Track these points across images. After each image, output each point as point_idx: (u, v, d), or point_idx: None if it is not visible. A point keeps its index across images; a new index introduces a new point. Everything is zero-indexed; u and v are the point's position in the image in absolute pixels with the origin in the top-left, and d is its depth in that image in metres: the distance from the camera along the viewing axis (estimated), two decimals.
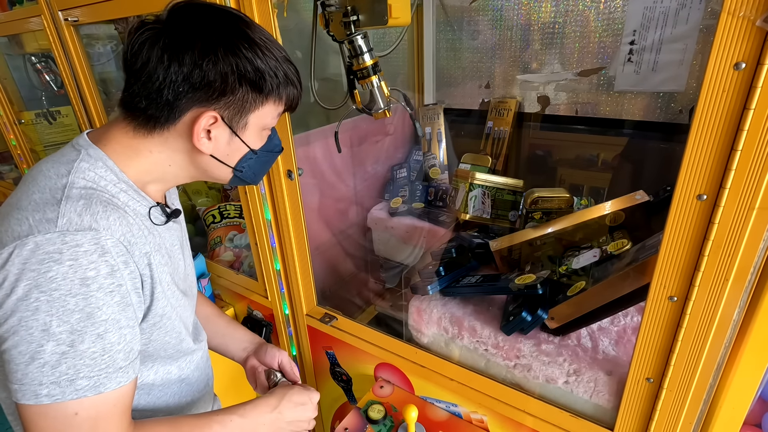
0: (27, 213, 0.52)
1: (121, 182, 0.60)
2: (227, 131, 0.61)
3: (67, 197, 0.54)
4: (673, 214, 0.51)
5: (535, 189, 1.00)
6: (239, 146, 0.64)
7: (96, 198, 0.55)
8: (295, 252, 1.01)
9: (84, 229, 0.52)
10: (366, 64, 0.79)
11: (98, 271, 0.52)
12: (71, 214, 0.52)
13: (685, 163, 0.49)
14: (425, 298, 0.94)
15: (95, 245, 0.52)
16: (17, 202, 0.55)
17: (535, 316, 0.78)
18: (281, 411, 0.73)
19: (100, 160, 0.59)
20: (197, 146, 0.60)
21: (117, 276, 0.54)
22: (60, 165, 0.58)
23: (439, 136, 1.35)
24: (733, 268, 0.50)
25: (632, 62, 1.08)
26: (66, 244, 0.51)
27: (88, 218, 0.53)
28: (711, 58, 0.44)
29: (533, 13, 1.19)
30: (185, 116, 0.59)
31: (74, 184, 0.56)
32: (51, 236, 0.50)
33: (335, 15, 0.77)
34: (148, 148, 0.62)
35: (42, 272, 0.50)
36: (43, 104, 2.10)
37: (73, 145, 0.61)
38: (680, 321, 0.55)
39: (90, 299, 0.52)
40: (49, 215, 0.52)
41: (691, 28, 0.98)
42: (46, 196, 0.54)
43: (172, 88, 0.56)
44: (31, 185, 0.56)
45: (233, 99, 0.59)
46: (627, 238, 0.81)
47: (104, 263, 0.53)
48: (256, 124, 0.63)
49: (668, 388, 0.60)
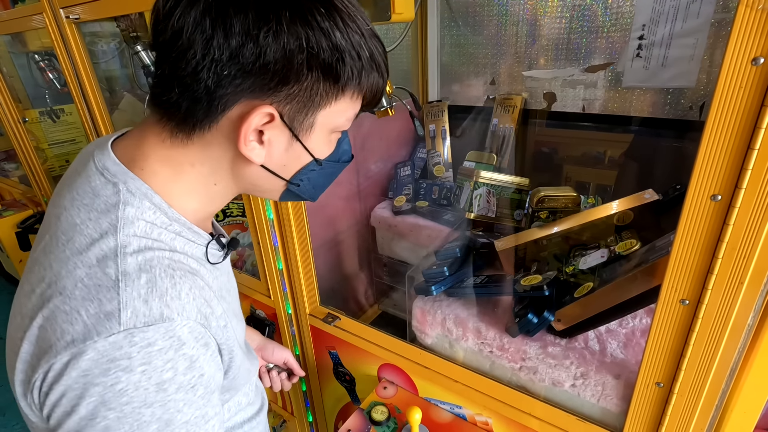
0: (76, 303, 0.40)
1: (173, 222, 0.47)
2: (286, 134, 0.46)
3: (125, 275, 0.41)
4: (685, 214, 0.50)
5: (541, 187, 0.98)
6: (300, 154, 0.49)
7: (158, 265, 0.43)
8: (297, 251, 1.00)
9: (155, 321, 0.41)
10: None
11: (176, 370, 0.42)
12: (135, 302, 0.40)
13: (699, 162, 0.47)
14: (429, 299, 0.93)
15: (170, 339, 0.41)
16: (57, 281, 0.42)
17: (542, 318, 0.76)
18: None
19: (145, 198, 0.45)
20: (244, 153, 0.45)
21: (197, 366, 0.44)
22: (98, 214, 0.44)
23: (443, 134, 1.33)
24: (748, 271, 0.48)
25: (641, 58, 1.05)
26: (135, 346, 0.39)
27: (156, 304, 0.41)
28: (727, 53, 0.42)
29: (539, 7, 1.17)
30: (230, 111, 0.44)
31: (126, 248, 0.42)
32: (116, 339, 0.39)
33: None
34: (189, 161, 0.47)
35: (109, 385, 0.39)
36: (46, 102, 2.11)
37: (102, 173, 0.46)
38: (692, 325, 0.54)
39: (168, 405, 0.42)
40: (108, 307, 0.40)
41: (702, 22, 0.96)
42: (95, 272, 0.41)
43: (213, 70, 0.41)
44: (69, 251, 0.43)
45: (298, 89, 0.43)
46: (636, 238, 0.79)
47: (182, 357, 0.42)
48: (324, 125, 0.48)
49: (679, 393, 0.59)
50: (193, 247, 0.50)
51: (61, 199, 0.47)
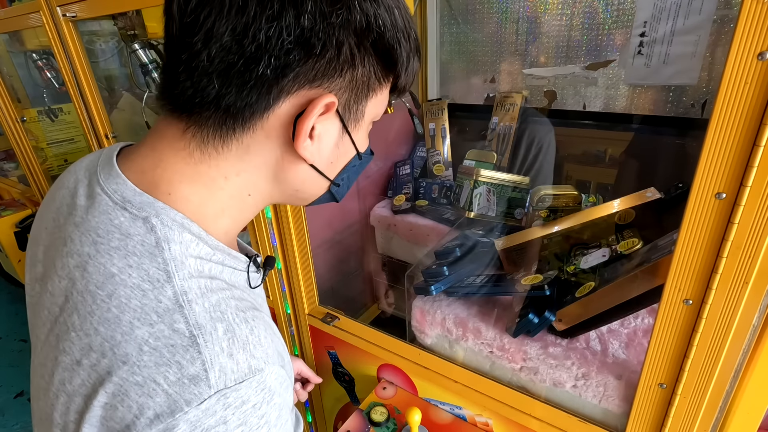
0: (149, 372, 0.33)
1: (216, 252, 0.41)
2: (337, 126, 0.41)
3: (200, 329, 0.35)
4: (689, 213, 0.49)
5: (541, 186, 0.97)
6: (348, 149, 0.44)
7: (227, 309, 0.37)
8: (296, 251, 0.99)
9: (245, 377, 0.35)
10: None
11: (269, 424, 0.37)
12: (220, 358, 0.34)
13: (703, 159, 0.46)
14: (428, 299, 0.92)
15: (262, 392, 0.36)
16: (113, 348, 0.34)
17: (542, 318, 0.75)
18: None
19: (184, 230, 0.38)
20: (300, 152, 0.39)
21: (284, 413, 0.40)
22: (138, 258, 0.36)
23: (443, 132, 1.32)
24: (753, 270, 0.47)
25: (642, 55, 1.04)
26: (230, 408, 0.34)
27: (242, 356, 0.36)
28: (732, 48, 0.41)
29: (540, 4, 1.16)
30: (285, 103, 0.37)
31: (188, 294, 0.36)
32: (209, 404, 0.33)
33: None
34: (223, 174, 0.40)
35: None
36: (45, 102, 2.10)
37: (125, 207, 0.38)
38: (696, 325, 0.53)
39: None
40: (191, 370, 0.33)
41: (704, 19, 0.95)
42: (161, 329, 0.34)
43: (277, 55, 0.34)
44: (116, 309, 0.35)
45: (359, 75, 0.39)
46: (637, 237, 0.78)
47: (273, 408, 0.37)
48: (370, 114, 0.44)
49: (682, 395, 0.58)
50: (237, 276, 0.43)
51: (72, 243, 0.39)
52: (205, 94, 0.37)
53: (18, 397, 2.06)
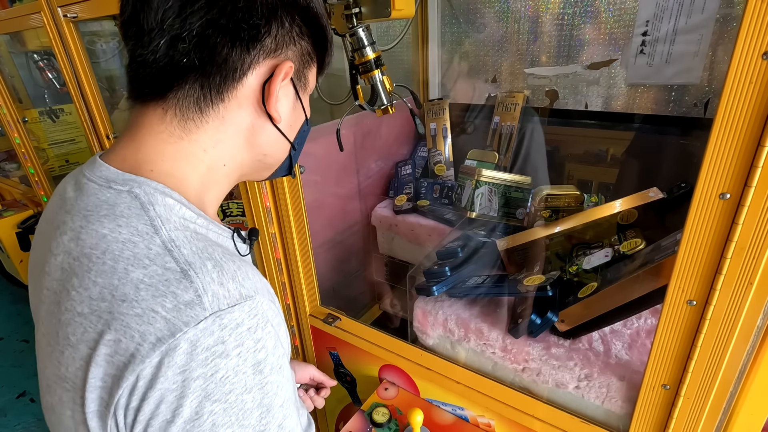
0: (147, 303, 0.37)
1: (199, 217, 0.45)
2: (292, 92, 0.48)
3: (190, 264, 0.38)
4: (693, 213, 0.48)
5: (543, 186, 0.97)
6: (299, 114, 0.51)
7: (213, 251, 0.41)
8: (297, 251, 0.99)
9: (237, 301, 0.39)
10: (368, 58, 0.77)
11: (266, 349, 0.40)
12: (212, 286, 0.38)
13: (707, 159, 0.46)
14: (430, 299, 0.92)
15: (255, 317, 0.40)
16: (112, 292, 0.38)
17: (545, 319, 0.75)
18: None
19: (166, 196, 0.43)
20: (272, 112, 0.46)
21: (280, 345, 0.43)
22: (126, 219, 0.40)
23: (444, 132, 1.32)
24: (757, 271, 0.47)
25: (644, 54, 1.04)
26: (226, 329, 0.37)
27: (232, 285, 0.39)
28: (737, 47, 0.41)
29: (541, 4, 1.16)
30: (254, 72, 0.44)
31: (175, 241, 0.39)
32: (206, 324, 0.36)
33: (337, 7, 0.75)
34: (201, 148, 0.45)
35: (209, 376, 0.37)
36: (46, 102, 2.11)
37: (110, 186, 0.42)
38: (699, 326, 0.53)
39: (266, 388, 0.40)
40: (186, 296, 0.37)
41: (706, 18, 0.94)
42: (155, 270, 0.38)
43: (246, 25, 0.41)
44: (111, 261, 0.38)
45: (301, 48, 0.47)
46: (640, 237, 0.78)
47: (269, 335, 0.41)
48: (310, 84, 0.51)
49: (686, 396, 0.57)
50: (224, 240, 0.47)
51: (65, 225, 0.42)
52: (186, 72, 0.42)
53: (20, 398, 2.06)
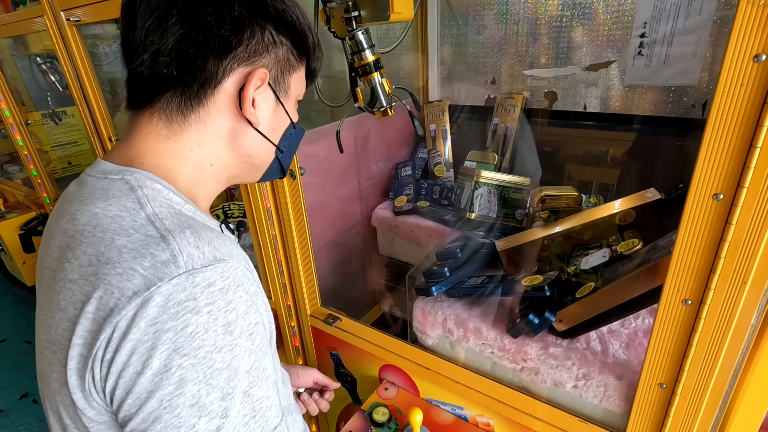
0: (128, 263, 0.40)
1: (187, 203, 0.49)
2: (271, 97, 0.51)
3: (169, 230, 0.42)
4: (687, 214, 0.49)
5: (542, 187, 0.98)
6: (282, 117, 0.54)
7: (194, 223, 0.45)
8: (298, 252, 1.00)
9: (211, 262, 0.41)
10: (367, 60, 0.78)
11: (237, 312, 0.42)
12: (188, 248, 0.41)
13: (701, 160, 0.46)
14: (430, 300, 0.92)
15: (227, 279, 0.42)
16: (98, 257, 0.41)
17: (543, 319, 0.76)
18: None
19: (156, 182, 0.47)
20: (248, 116, 0.49)
21: (253, 311, 0.44)
22: (117, 199, 0.44)
23: (444, 133, 1.32)
24: (751, 270, 0.47)
25: (643, 56, 1.05)
26: (198, 287, 0.40)
27: (208, 248, 0.42)
28: (728, 50, 0.42)
29: (540, 6, 1.16)
30: (229, 80, 0.48)
31: (159, 215, 0.43)
32: (179, 281, 0.39)
33: (336, 11, 0.76)
34: (187, 147, 0.49)
35: (179, 329, 0.38)
36: (48, 105, 2.12)
37: (105, 177, 0.47)
38: (695, 325, 0.53)
39: (235, 350, 0.41)
40: (162, 256, 0.40)
41: (704, 19, 0.95)
42: (137, 237, 0.41)
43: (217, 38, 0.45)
44: (100, 232, 0.42)
45: (279, 54, 0.50)
46: (638, 237, 0.78)
47: (240, 299, 0.43)
48: (294, 89, 0.55)
49: (682, 394, 0.58)
50: (212, 224, 0.50)
51: (64, 211, 0.47)
52: (167, 81, 0.47)
53: (23, 398, 2.07)
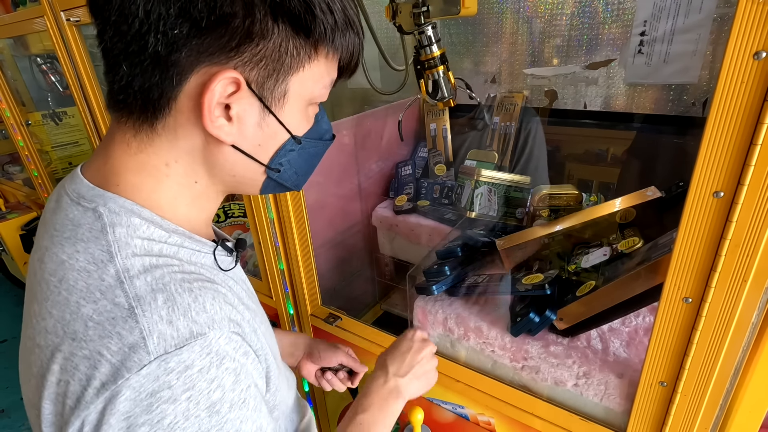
0: (94, 345, 0.35)
1: (172, 234, 0.42)
2: (257, 106, 0.40)
3: (139, 300, 0.36)
4: (687, 212, 0.49)
5: (542, 186, 0.98)
6: (276, 131, 0.42)
7: (171, 281, 0.38)
8: (298, 251, 1.00)
9: (186, 341, 0.36)
10: (434, 54, 0.79)
11: (223, 388, 0.37)
12: (159, 325, 0.35)
13: (701, 158, 0.46)
14: (430, 298, 0.92)
15: (208, 356, 0.36)
16: (64, 328, 0.36)
17: (544, 317, 0.76)
18: (396, 376, 0.62)
19: (133, 215, 0.40)
20: (211, 131, 0.39)
21: (242, 379, 0.39)
22: (86, 244, 0.38)
23: (444, 132, 1.32)
24: (751, 268, 0.47)
25: (643, 54, 1.04)
26: (172, 373, 0.35)
27: (183, 323, 0.36)
28: (728, 47, 0.42)
29: (540, 4, 1.16)
30: (188, 83, 0.38)
31: (130, 271, 0.37)
32: (149, 370, 0.34)
33: (404, 6, 0.77)
34: (162, 161, 0.41)
35: (155, 422, 0.34)
36: (49, 105, 2.12)
37: (79, 202, 0.40)
38: (695, 323, 0.53)
39: (225, 427, 0.37)
40: (130, 339, 0.35)
41: (704, 17, 0.95)
42: (104, 305, 0.36)
43: (160, 30, 0.35)
44: (66, 292, 0.37)
45: (265, 48, 0.37)
46: (638, 236, 0.78)
47: (226, 372, 0.38)
48: (300, 94, 0.42)
49: (683, 393, 0.58)
50: (200, 257, 0.44)
51: (41, 240, 0.42)
52: (122, 82, 0.38)
53: None
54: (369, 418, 0.57)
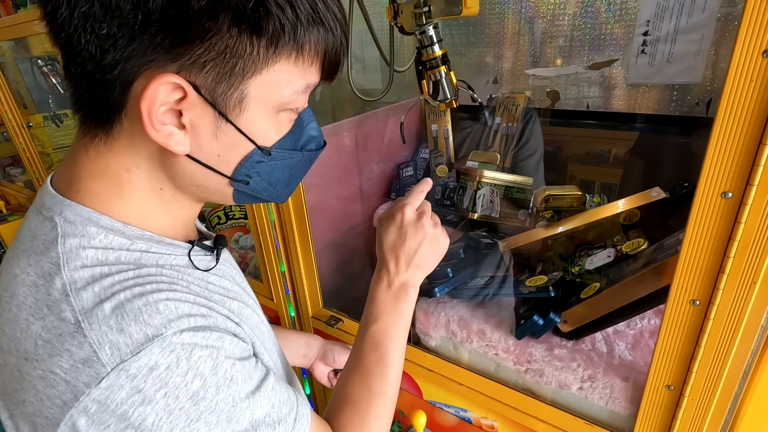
0: (46, 365, 0.34)
1: (135, 241, 0.40)
2: (210, 112, 0.37)
3: (85, 313, 0.34)
4: (695, 213, 0.48)
5: (545, 186, 0.97)
6: (237, 141, 0.39)
7: (121, 289, 0.36)
8: (299, 253, 0.99)
9: (142, 345, 0.34)
10: (436, 55, 0.79)
11: (202, 375, 0.36)
12: (109, 336, 0.34)
13: (708, 158, 0.46)
14: (432, 301, 0.92)
15: (172, 353, 0.35)
16: (17, 347, 0.35)
17: (547, 320, 0.75)
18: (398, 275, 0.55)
19: (90, 224, 0.38)
20: (156, 139, 0.36)
21: (222, 360, 0.38)
22: (38, 257, 0.37)
23: (446, 134, 1.32)
24: (761, 270, 0.47)
25: (646, 54, 1.04)
26: (138, 378, 0.33)
27: (134, 328, 0.34)
28: (737, 45, 0.41)
29: (542, 5, 1.16)
30: (135, 87, 0.35)
31: (76, 283, 0.35)
32: (109, 381, 0.33)
33: (405, 6, 0.76)
34: (123, 166, 0.39)
35: (139, 426, 0.33)
36: (50, 107, 2.12)
37: (40, 211, 0.39)
38: (703, 326, 0.52)
39: (218, 407, 0.36)
40: (81, 354, 0.33)
41: (707, 17, 0.94)
42: (51, 321, 0.34)
43: (89, 30, 0.32)
44: (16, 308, 0.36)
45: (208, 50, 0.34)
46: (643, 237, 0.77)
47: (200, 360, 0.36)
48: (262, 100, 0.38)
49: (690, 397, 0.57)
50: (170, 259, 0.42)
51: (7, 253, 0.41)
52: (72, 86, 0.37)
53: None
54: (381, 328, 0.53)
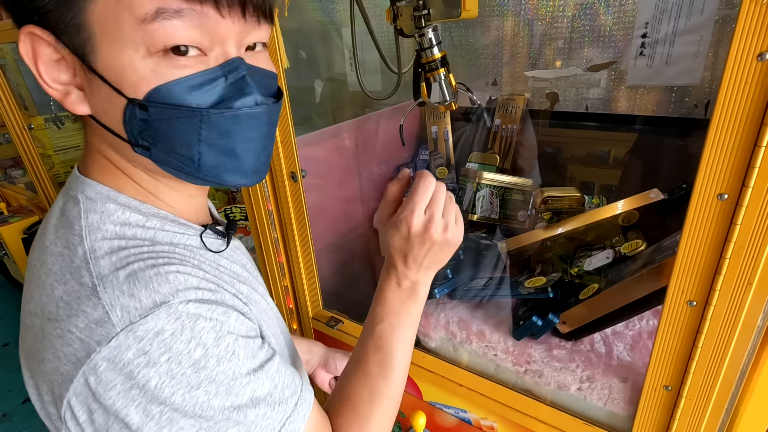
0: (65, 324, 0.36)
1: (150, 218, 0.42)
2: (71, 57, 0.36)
3: (101, 278, 0.37)
4: (691, 214, 0.49)
5: (544, 188, 0.97)
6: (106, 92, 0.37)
7: (135, 260, 0.38)
8: (299, 255, 1.00)
9: (150, 309, 0.36)
10: (435, 57, 0.79)
11: (205, 345, 0.37)
12: (121, 299, 0.36)
13: (705, 160, 0.46)
14: (432, 302, 0.92)
15: (177, 320, 0.36)
16: (42, 310, 0.38)
17: (546, 321, 0.75)
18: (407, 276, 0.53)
19: (109, 201, 0.41)
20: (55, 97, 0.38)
21: (225, 334, 0.39)
22: (65, 230, 0.40)
23: (445, 135, 1.32)
24: (756, 271, 0.47)
25: (644, 56, 1.04)
26: (144, 340, 0.35)
27: (144, 294, 0.36)
28: (732, 48, 0.41)
29: (541, 7, 1.16)
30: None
31: (96, 252, 0.38)
32: (118, 341, 0.35)
33: (404, 9, 0.77)
34: (95, 148, 0.43)
35: (143, 386, 0.35)
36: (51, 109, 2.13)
37: (67, 192, 0.43)
38: (700, 327, 0.53)
39: (218, 377, 0.38)
40: (95, 314, 0.36)
41: (706, 19, 0.95)
42: (72, 286, 0.37)
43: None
44: (44, 275, 0.39)
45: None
46: (641, 238, 0.78)
47: (203, 331, 0.37)
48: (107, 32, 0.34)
49: (687, 397, 0.57)
50: (184, 239, 0.44)
51: (44, 224, 0.44)
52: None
53: (26, 402, 2.07)
54: (387, 328, 0.52)
